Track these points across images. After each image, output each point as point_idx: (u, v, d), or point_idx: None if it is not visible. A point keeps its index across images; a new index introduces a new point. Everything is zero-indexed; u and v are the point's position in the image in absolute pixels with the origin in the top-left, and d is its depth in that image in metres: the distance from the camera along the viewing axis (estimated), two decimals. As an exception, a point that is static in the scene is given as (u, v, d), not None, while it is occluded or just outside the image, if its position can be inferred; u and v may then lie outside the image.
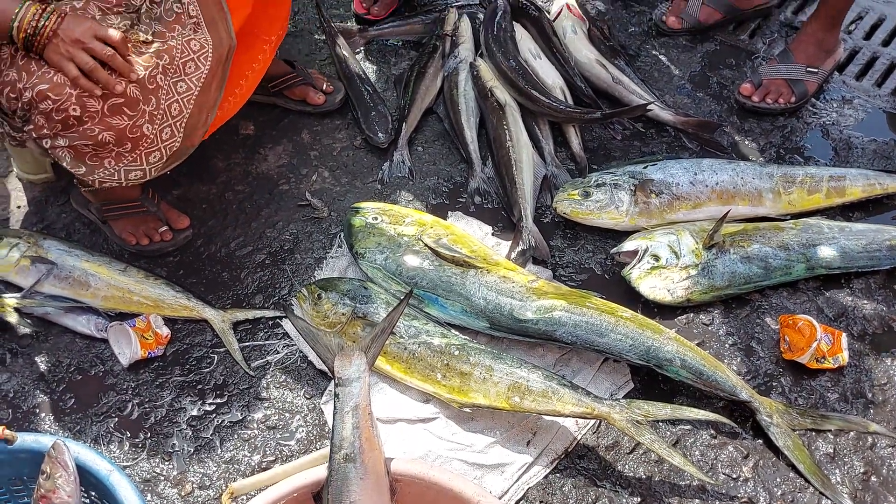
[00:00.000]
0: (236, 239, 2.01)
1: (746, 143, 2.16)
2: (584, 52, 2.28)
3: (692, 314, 1.83)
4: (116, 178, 1.66)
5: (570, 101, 2.19)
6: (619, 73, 2.22)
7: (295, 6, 2.53)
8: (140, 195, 1.94)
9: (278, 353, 1.81)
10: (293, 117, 2.26)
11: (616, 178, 1.98)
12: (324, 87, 2.24)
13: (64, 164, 1.63)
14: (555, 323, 1.69)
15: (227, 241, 2.01)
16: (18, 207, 2.06)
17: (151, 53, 1.59)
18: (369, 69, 2.38)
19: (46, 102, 1.53)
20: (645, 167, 1.98)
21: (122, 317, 1.82)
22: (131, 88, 1.56)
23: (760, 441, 1.64)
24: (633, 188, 1.94)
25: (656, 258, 1.82)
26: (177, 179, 2.10)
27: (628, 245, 1.87)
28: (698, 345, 1.75)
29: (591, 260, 1.94)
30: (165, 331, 1.80)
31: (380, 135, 2.18)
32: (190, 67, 1.64)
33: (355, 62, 2.34)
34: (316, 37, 2.47)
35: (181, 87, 1.63)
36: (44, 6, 1.52)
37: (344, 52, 2.34)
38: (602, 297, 1.74)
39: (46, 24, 1.51)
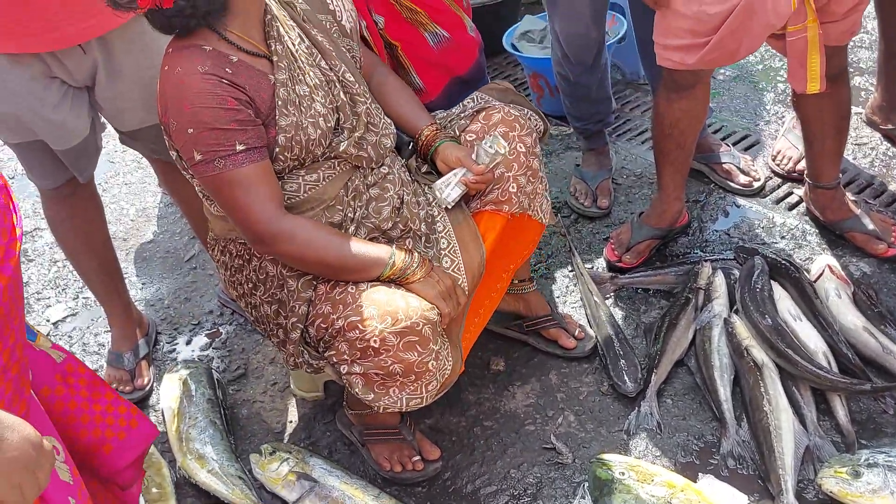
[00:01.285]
0: (482, 476, 2.05)
1: None
2: (849, 317, 2.19)
3: None
4: (399, 405, 1.79)
5: (835, 368, 2.10)
6: (889, 342, 2.10)
7: (548, 250, 2.69)
8: (399, 422, 2.06)
9: None
10: (542, 357, 2.34)
11: (890, 458, 1.82)
12: (576, 333, 2.31)
13: (355, 391, 1.78)
14: None
15: (473, 477, 2.05)
16: (290, 422, 2.26)
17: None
18: (618, 315, 2.44)
19: (354, 332, 1.70)
20: (926, 451, 1.82)
21: (371, 544, 1.89)
22: (425, 328, 1.71)
23: None
24: (913, 475, 1.78)
25: (947, 562, 1.63)
26: (431, 409, 2.20)
27: (911, 541, 1.69)
28: None
29: (866, 551, 1.76)
30: (410, 565, 1.84)
31: (628, 383, 2.19)
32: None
33: (606, 308, 2.41)
34: (567, 281, 2.58)
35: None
36: (410, 252, 1.78)
37: (595, 298, 2.43)
38: None
39: (415, 273, 1.75)
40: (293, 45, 1.78)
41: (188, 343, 2.58)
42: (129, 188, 3.39)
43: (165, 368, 2.40)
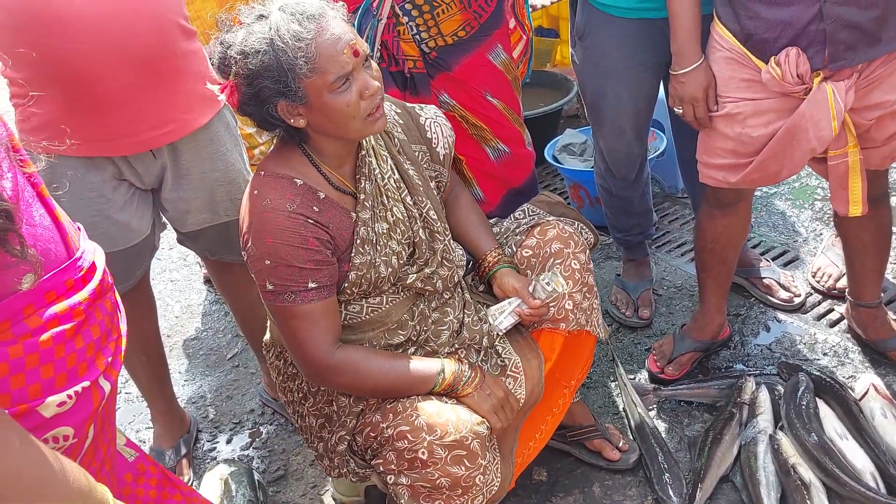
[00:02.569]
0: (524, 591, 2.01)
1: None
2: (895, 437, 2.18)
3: None
4: None
5: (882, 489, 2.06)
6: (940, 464, 2.08)
7: (590, 358, 2.70)
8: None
9: None
10: (585, 468, 2.32)
11: (948, 588, 1.77)
12: (620, 445, 2.30)
13: (400, 501, 1.77)
14: None
15: (516, 592, 2.01)
16: (331, 527, 2.24)
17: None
18: (662, 427, 2.42)
19: (402, 442, 1.71)
20: None
21: None
22: (474, 443, 1.71)
23: None
24: None
25: None
26: (472, 518, 2.18)
27: None
28: None
29: None
30: None
31: (674, 499, 2.16)
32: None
33: (649, 419, 2.40)
34: (609, 391, 2.58)
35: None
36: (461, 361, 1.80)
37: (638, 410, 2.42)
38: None
39: (466, 387, 1.77)
40: (383, 177, 1.83)
41: (229, 442, 2.59)
42: (174, 284, 3.46)
43: (205, 467, 2.41)
